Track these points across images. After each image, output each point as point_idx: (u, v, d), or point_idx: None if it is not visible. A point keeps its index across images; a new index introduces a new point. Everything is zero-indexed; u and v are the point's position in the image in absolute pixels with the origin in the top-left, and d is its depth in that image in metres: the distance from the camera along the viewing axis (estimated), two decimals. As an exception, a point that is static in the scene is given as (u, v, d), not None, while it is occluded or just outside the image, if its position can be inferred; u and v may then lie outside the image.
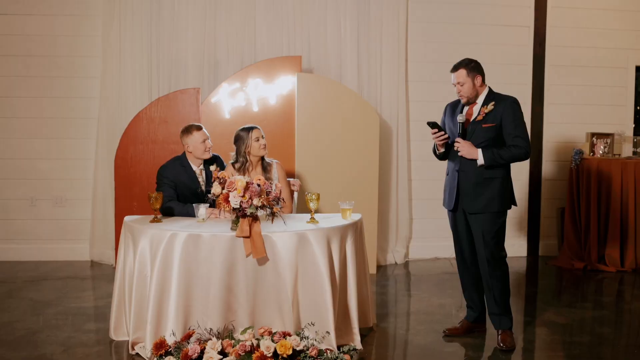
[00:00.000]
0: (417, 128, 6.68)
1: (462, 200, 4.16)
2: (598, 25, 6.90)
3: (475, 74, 4.11)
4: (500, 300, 4.13)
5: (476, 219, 4.11)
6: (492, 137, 4.05)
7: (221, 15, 6.35)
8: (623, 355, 4.03)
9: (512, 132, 4.03)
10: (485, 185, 4.07)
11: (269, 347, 3.56)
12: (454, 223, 4.31)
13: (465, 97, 4.15)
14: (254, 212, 3.69)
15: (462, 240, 4.29)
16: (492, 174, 4.06)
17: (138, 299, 3.85)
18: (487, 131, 4.06)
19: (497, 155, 4.00)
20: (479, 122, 4.09)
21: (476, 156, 4.03)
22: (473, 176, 4.09)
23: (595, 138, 6.68)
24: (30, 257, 6.45)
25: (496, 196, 4.06)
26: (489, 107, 4.07)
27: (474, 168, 4.07)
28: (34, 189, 6.49)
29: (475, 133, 4.09)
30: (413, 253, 6.78)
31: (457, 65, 4.15)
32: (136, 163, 5.88)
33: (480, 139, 4.06)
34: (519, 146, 4.02)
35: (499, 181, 4.08)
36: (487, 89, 4.17)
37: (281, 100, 5.96)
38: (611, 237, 6.35)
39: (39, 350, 3.96)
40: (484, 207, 4.06)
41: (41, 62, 6.41)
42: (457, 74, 4.14)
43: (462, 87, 4.12)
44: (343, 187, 5.94)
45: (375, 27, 6.49)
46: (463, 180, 4.14)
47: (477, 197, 4.08)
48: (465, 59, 4.17)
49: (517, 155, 4.03)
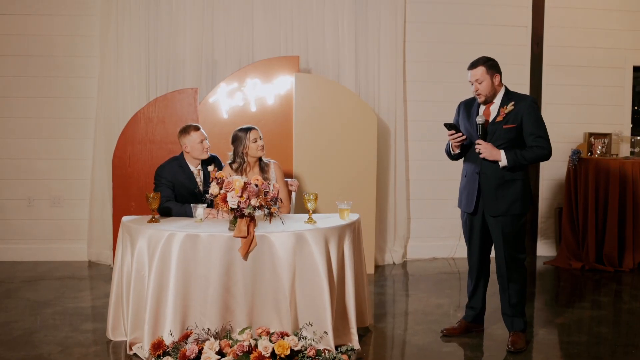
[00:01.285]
0: (415, 128, 6.69)
1: (484, 202, 4.07)
2: (596, 25, 6.91)
3: (494, 72, 4.02)
4: (516, 302, 4.11)
5: (497, 221, 4.04)
6: (512, 138, 3.98)
7: (219, 15, 6.35)
8: (621, 355, 4.02)
9: (534, 132, 3.96)
10: (507, 187, 3.99)
11: (267, 347, 3.56)
12: (470, 225, 4.21)
13: (483, 96, 4.03)
14: (251, 212, 3.69)
15: (476, 242, 4.21)
16: (513, 176, 3.99)
17: (136, 299, 3.85)
18: (508, 132, 3.98)
19: (520, 156, 3.94)
20: (499, 122, 4.01)
21: (499, 158, 3.95)
22: (494, 178, 4.01)
23: (593, 138, 6.69)
24: (28, 257, 6.44)
25: (518, 198, 4.00)
26: (508, 108, 3.99)
27: (495, 170, 4.00)
28: (32, 189, 6.49)
29: (496, 134, 4.01)
30: (411, 253, 6.78)
31: (476, 63, 4.04)
32: (134, 163, 5.88)
33: (500, 140, 3.99)
34: (541, 146, 3.96)
35: (520, 183, 4.01)
36: (504, 88, 4.09)
37: (279, 100, 5.95)
38: (609, 237, 6.35)
39: (36, 350, 3.95)
40: (506, 209, 4.00)
41: (39, 62, 6.40)
42: (475, 71, 4.02)
43: (480, 85, 4.01)
44: (341, 187, 5.93)
45: (373, 27, 6.50)
46: (484, 182, 4.05)
47: (498, 199, 4.01)
48: (483, 57, 4.07)
49: (540, 155, 3.98)
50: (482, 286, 4.31)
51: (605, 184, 6.37)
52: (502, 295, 4.16)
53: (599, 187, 6.39)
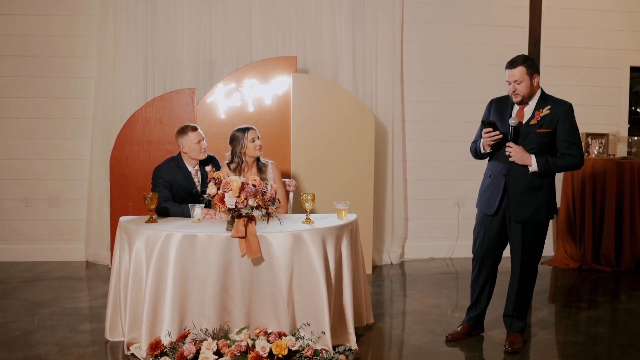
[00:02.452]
0: (413, 128, 6.70)
1: (508, 206, 3.98)
2: (593, 26, 6.92)
3: (534, 72, 3.91)
4: (521, 305, 4.09)
5: (519, 226, 3.97)
6: (544, 143, 3.89)
7: (217, 16, 6.35)
8: (618, 355, 4.03)
9: (568, 140, 3.87)
10: (534, 193, 3.91)
11: (265, 348, 3.56)
12: (487, 226, 4.10)
13: (521, 96, 3.92)
14: (249, 212, 3.69)
15: (489, 244, 4.11)
16: (541, 182, 3.91)
17: (133, 300, 3.85)
18: (541, 136, 3.89)
19: (551, 163, 3.85)
20: (532, 126, 3.90)
21: (529, 162, 3.86)
22: (522, 183, 3.92)
23: (590, 138, 6.70)
24: (26, 257, 6.44)
25: (543, 205, 3.92)
26: (544, 112, 3.88)
27: (523, 174, 3.91)
28: (29, 189, 6.48)
29: (529, 137, 3.91)
30: (408, 253, 6.79)
31: (515, 62, 3.91)
32: (131, 163, 5.87)
33: (532, 144, 3.90)
34: (574, 155, 3.86)
35: (547, 189, 3.93)
36: (540, 90, 3.99)
37: (277, 101, 5.95)
38: (606, 237, 6.36)
39: (34, 350, 3.95)
40: (531, 215, 3.92)
41: (36, 62, 6.40)
42: (514, 71, 3.89)
43: (518, 85, 3.88)
44: (339, 187, 5.93)
45: (371, 27, 6.50)
46: (511, 185, 3.95)
47: (524, 204, 3.92)
48: (523, 56, 3.96)
49: (572, 164, 3.88)
50: (488, 289, 4.24)
51: (603, 184, 6.38)
52: (509, 296, 4.13)
53: (597, 187, 6.40)
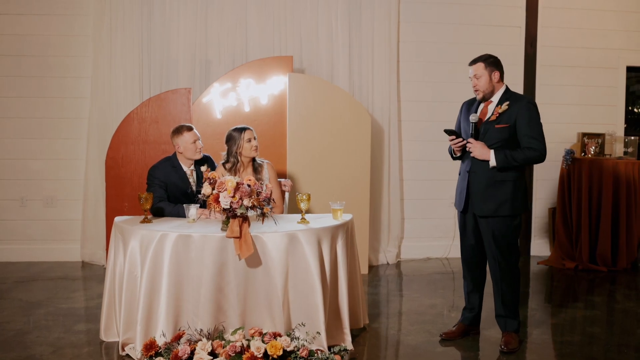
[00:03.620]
0: (409, 128, 6.70)
1: (472, 202, 4.07)
2: (589, 26, 6.93)
3: (493, 68, 4.02)
4: (509, 303, 4.09)
5: (486, 222, 4.03)
6: (505, 138, 3.96)
7: (212, 15, 6.34)
8: (614, 355, 4.03)
9: (527, 133, 3.93)
10: (497, 188, 3.97)
11: (260, 348, 3.56)
12: (463, 224, 4.21)
13: (481, 92, 4.04)
14: (244, 212, 3.68)
15: (469, 242, 4.20)
16: (504, 177, 3.97)
17: (128, 300, 3.84)
18: (500, 132, 3.96)
19: (510, 157, 3.91)
20: (492, 122, 4.00)
21: (488, 157, 3.94)
22: (484, 178, 4.00)
23: (586, 138, 6.70)
24: (21, 257, 6.43)
25: (508, 199, 3.96)
26: (503, 107, 3.97)
27: (485, 169, 3.98)
28: (25, 189, 6.47)
29: (488, 133, 4.00)
30: (405, 253, 6.78)
31: (476, 59, 4.06)
32: (127, 163, 5.86)
33: (493, 140, 3.97)
34: (533, 148, 3.92)
35: (511, 184, 3.97)
36: (504, 87, 4.08)
37: (273, 100, 5.95)
38: (602, 237, 6.37)
39: (28, 351, 3.94)
40: (495, 210, 3.97)
41: (32, 61, 6.38)
42: (475, 66, 4.04)
43: (478, 80, 4.02)
44: (335, 187, 5.93)
45: (367, 27, 6.50)
46: (474, 181, 4.04)
47: (487, 199, 3.99)
48: (486, 54, 4.10)
49: (531, 157, 3.93)
50: (478, 287, 4.29)
51: (599, 184, 6.38)
52: (495, 296, 4.16)
53: (593, 187, 6.40)
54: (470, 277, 4.28)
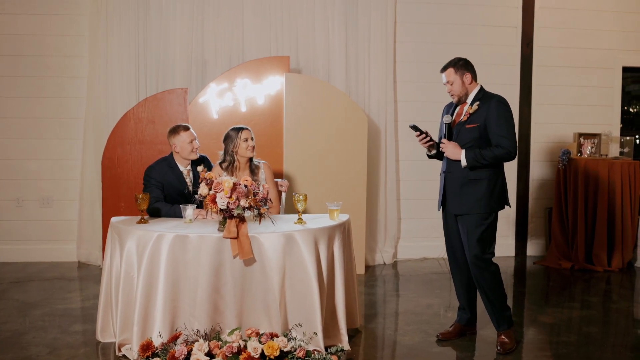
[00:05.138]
0: (405, 128, 6.69)
1: (449, 201, 4.14)
2: (585, 26, 6.95)
3: (464, 71, 4.08)
4: (495, 300, 4.09)
5: (462, 220, 4.08)
6: (476, 138, 4.01)
7: (209, 15, 6.33)
8: (610, 355, 4.04)
9: (496, 132, 3.97)
10: (471, 187, 4.02)
11: (256, 349, 3.55)
12: (445, 224, 4.28)
13: (456, 96, 4.11)
14: (241, 213, 3.68)
15: (452, 240, 4.25)
16: (477, 175, 4.01)
17: (125, 301, 3.83)
18: (470, 132, 4.02)
19: (479, 156, 3.95)
20: (463, 122, 4.07)
21: (459, 157, 4.01)
22: (459, 177, 4.06)
23: (582, 138, 6.71)
24: (17, 258, 6.42)
25: (482, 197, 4.01)
26: (473, 107, 4.03)
27: (459, 169, 4.04)
28: (21, 189, 6.46)
29: (461, 134, 4.06)
30: (401, 253, 6.79)
31: (446, 65, 4.15)
32: (123, 163, 5.85)
33: (465, 140, 4.03)
34: (501, 146, 3.95)
35: (485, 182, 4.01)
36: (478, 87, 4.12)
37: (269, 101, 5.95)
38: (598, 237, 6.38)
39: (24, 352, 3.93)
40: (469, 208, 4.02)
41: (28, 61, 6.38)
42: (446, 73, 4.13)
43: (451, 85, 4.10)
44: (331, 187, 5.93)
45: (364, 27, 6.50)
46: (449, 181, 4.12)
47: (462, 198, 4.05)
48: (455, 58, 4.16)
49: (499, 155, 3.95)
50: (466, 286, 4.29)
51: (595, 184, 6.39)
52: (481, 296, 4.16)
53: (589, 187, 6.41)
54: (458, 277, 4.31)
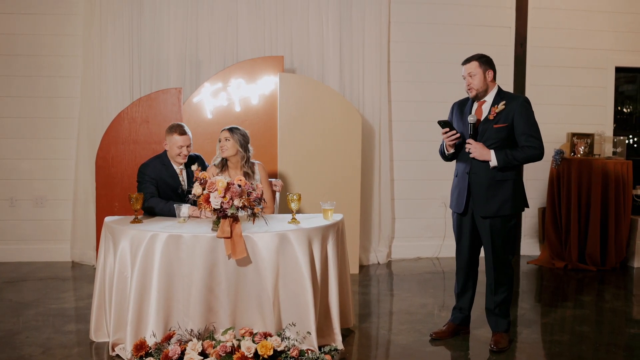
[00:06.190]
0: (400, 128, 6.71)
1: (474, 203, 4.06)
2: (578, 26, 6.97)
3: (487, 67, 4.03)
4: (502, 302, 4.11)
5: (486, 222, 4.03)
6: (503, 138, 3.97)
7: (203, 15, 6.33)
8: (603, 354, 4.05)
9: (526, 132, 3.94)
10: (497, 188, 3.98)
11: (250, 348, 3.56)
12: (460, 225, 4.21)
13: (475, 90, 4.04)
14: (234, 212, 3.68)
15: (465, 243, 4.20)
16: (504, 176, 3.98)
17: (118, 300, 3.83)
18: (498, 131, 3.97)
19: (510, 156, 3.92)
20: (490, 121, 4.00)
21: (489, 158, 3.94)
22: (485, 178, 3.99)
23: (575, 138, 6.73)
24: (10, 258, 6.40)
25: (509, 199, 3.98)
26: (499, 107, 3.97)
27: (485, 170, 3.99)
28: (14, 189, 6.44)
29: (487, 133, 4.00)
30: (395, 253, 6.80)
31: (470, 58, 4.07)
32: (117, 163, 5.84)
33: (491, 140, 3.98)
34: (533, 147, 3.93)
35: (511, 183, 3.99)
36: (497, 87, 4.09)
37: (263, 100, 5.95)
38: (591, 236, 6.40)
39: (17, 351, 3.92)
40: (497, 210, 3.98)
41: (22, 61, 6.35)
42: (469, 65, 4.04)
43: (472, 78, 4.02)
44: (325, 187, 5.94)
45: (358, 27, 6.50)
46: (474, 182, 4.04)
47: (489, 200, 3.99)
48: (479, 53, 4.12)
49: (531, 156, 3.94)
50: (470, 288, 4.30)
51: (588, 183, 6.41)
52: (488, 294, 4.17)
53: (582, 187, 6.43)
54: (464, 278, 4.28)
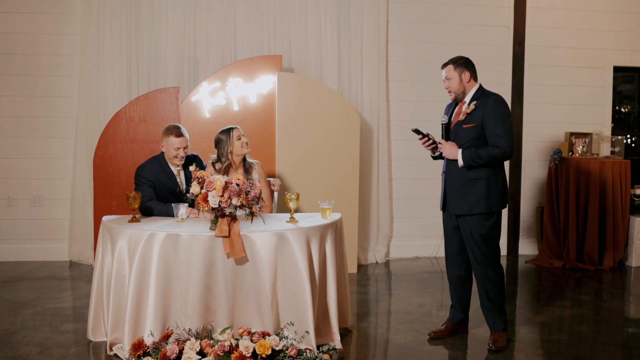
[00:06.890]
0: (398, 127, 6.71)
1: (449, 202, 4.14)
2: (577, 26, 6.97)
3: (463, 69, 4.07)
4: (494, 301, 4.11)
5: (464, 220, 4.08)
6: (474, 137, 4.01)
7: (201, 14, 6.32)
8: (601, 354, 4.05)
9: (493, 131, 3.97)
10: (470, 187, 4.02)
11: (248, 347, 3.55)
12: (445, 223, 4.29)
13: (453, 93, 4.11)
14: (232, 211, 3.67)
15: (450, 240, 4.26)
16: (476, 175, 4.01)
17: (116, 300, 3.82)
18: (468, 132, 4.02)
19: (475, 155, 3.95)
20: (460, 122, 4.07)
21: (457, 157, 4.02)
22: (458, 178, 4.06)
23: (574, 137, 6.73)
24: (8, 257, 6.39)
25: (482, 197, 4.00)
26: (470, 107, 4.03)
27: (458, 169, 4.05)
28: (12, 188, 6.43)
29: (459, 134, 4.07)
30: (394, 252, 6.80)
31: (447, 62, 4.15)
32: (115, 162, 5.83)
33: (463, 140, 4.04)
34: (497, 146, 3.94)
35: (484, 182, 4.01)
36: (477, 86, 4.11)
37: (262, 100, 5.94)
38: (590, 236, 6.41)
39: (15, 351, 3.91)
40: (470, 208, 4.02)
41: (19, 60, 6.35)
42: (446, 69, 4.13)
43: (449, 82, 4.10)
44: (324, 186, 5.93)
45: (356, 26, 6.50)
46: (449, 181, 4.13)
47: (462, 198, 4.05)
48: (456, 56, 4.17)
49: (495, 155, 3.95)
50: (463, 286, 4.31)
51: (586, 183, 6.42)
52: (481, 295, 4.17)
53: (580, 186, 6.44)
54: (455, 276, 4.30)
